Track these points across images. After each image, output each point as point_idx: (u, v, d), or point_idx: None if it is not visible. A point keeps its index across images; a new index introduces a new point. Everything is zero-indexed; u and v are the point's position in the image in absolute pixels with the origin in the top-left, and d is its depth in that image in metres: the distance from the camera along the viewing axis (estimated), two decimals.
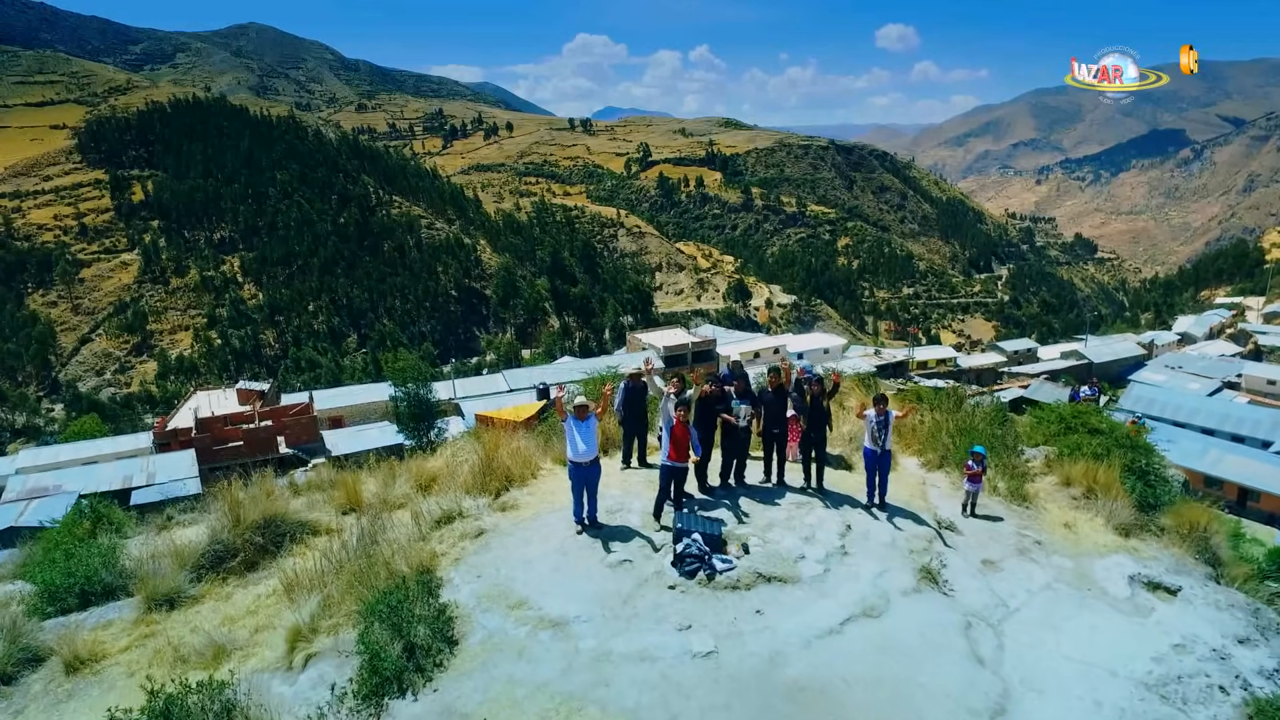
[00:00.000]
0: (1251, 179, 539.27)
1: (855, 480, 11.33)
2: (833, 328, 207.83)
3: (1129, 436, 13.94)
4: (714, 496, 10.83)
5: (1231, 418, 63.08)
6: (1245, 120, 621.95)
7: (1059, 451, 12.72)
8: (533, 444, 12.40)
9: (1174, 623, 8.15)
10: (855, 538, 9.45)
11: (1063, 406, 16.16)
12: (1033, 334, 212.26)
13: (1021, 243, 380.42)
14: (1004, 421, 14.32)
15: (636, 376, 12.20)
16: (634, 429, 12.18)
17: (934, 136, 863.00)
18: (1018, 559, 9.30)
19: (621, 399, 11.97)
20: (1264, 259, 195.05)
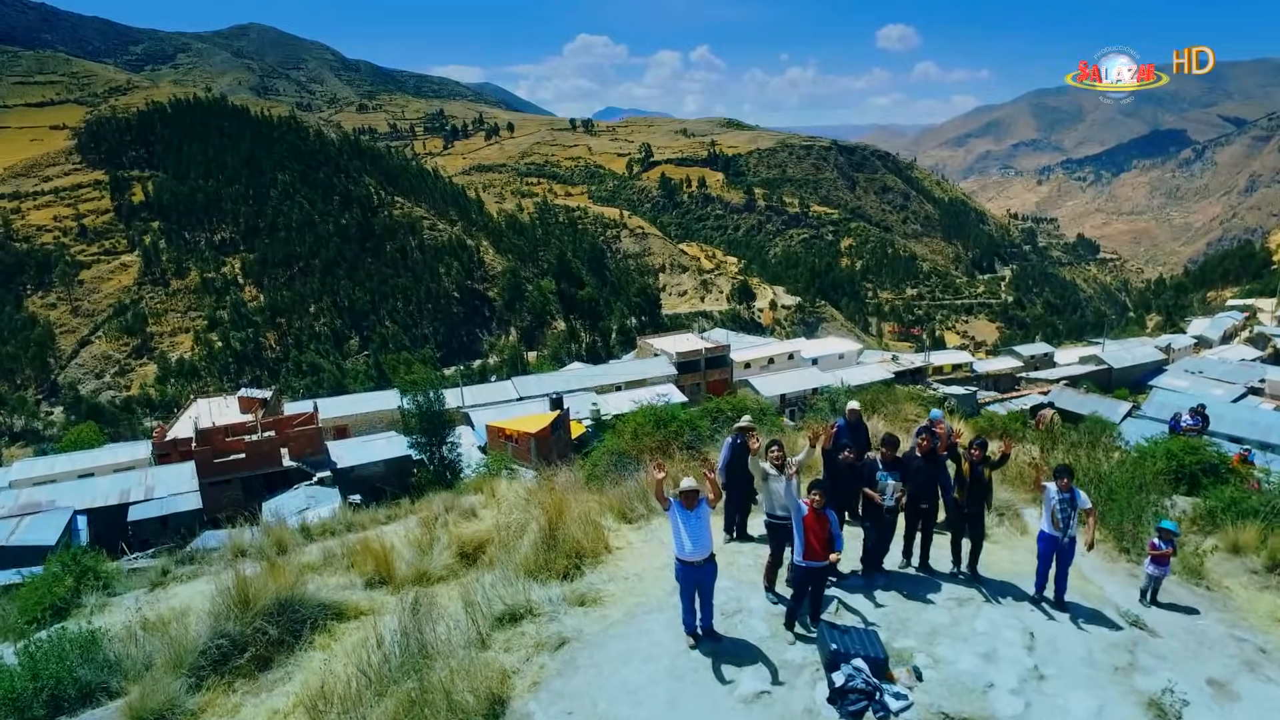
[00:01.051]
0: (1253, 179, 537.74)
1: (1005, 560, 9.59)
2: (837, 329, 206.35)
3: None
4: (847, 587, 8.83)
5: (1260, 425, 61.07)
6: (1247, 120, 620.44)
7: (1213, 507, 10.79)
8: (592, 498, 10.60)
9: None
10: (1044, 651, 7.48)
11: (1170, 442, 14.38)
12: (1037, 335, 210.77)
13: (1024, 243, 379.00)
14: (1131, 466, 12.21)
15: (747, 431, 10.07)
16: (740, 495, 10.15)
17: (935, 137, 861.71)
18: (1249, 677, 7.26)
19: (726, 458, 10.13)
20: (1271, 259, 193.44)
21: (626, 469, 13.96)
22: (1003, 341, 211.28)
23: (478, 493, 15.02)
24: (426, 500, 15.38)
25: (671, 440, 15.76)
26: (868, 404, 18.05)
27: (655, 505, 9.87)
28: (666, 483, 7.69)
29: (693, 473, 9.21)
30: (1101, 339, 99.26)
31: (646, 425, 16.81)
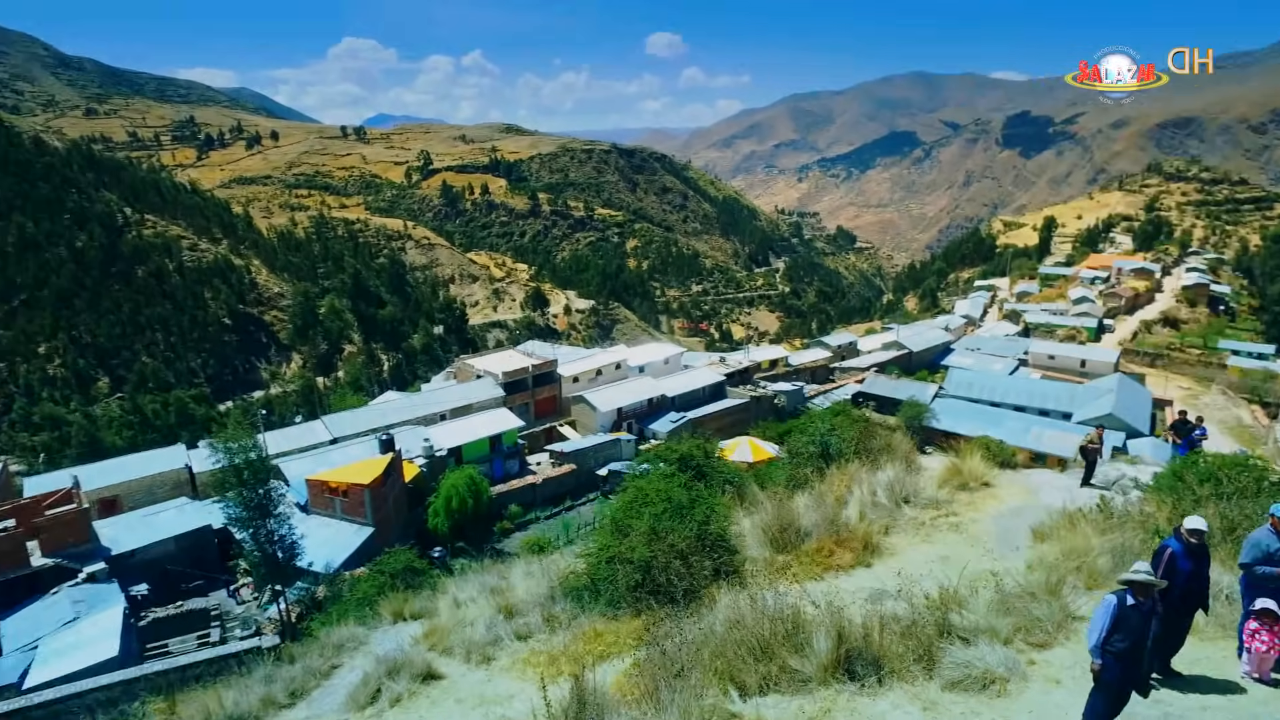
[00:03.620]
0: (969, 175, 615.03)
1: None
2: (631, 329, 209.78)
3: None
4: None
5: (1037, 394, 68.36)
6: (960, 125, 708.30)
7: None
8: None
9: None
10: None
11: (1215, 460, 13.76)
12: (813, 321, 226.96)
13: (792, 236, 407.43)
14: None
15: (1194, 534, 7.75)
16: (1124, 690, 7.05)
17: (704, 139, 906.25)
18: None
19: (1111, 620, 6.87)
20: (996, 244, 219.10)
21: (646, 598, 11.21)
22: (784, 330, 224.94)
23: (401, 619, 11.92)
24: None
25: (708, 540, 12.30)
26: (857, 445, 16.77)
27: None
28: None
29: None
30: (894, 324, 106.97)
31: (665, 514, 12.82)
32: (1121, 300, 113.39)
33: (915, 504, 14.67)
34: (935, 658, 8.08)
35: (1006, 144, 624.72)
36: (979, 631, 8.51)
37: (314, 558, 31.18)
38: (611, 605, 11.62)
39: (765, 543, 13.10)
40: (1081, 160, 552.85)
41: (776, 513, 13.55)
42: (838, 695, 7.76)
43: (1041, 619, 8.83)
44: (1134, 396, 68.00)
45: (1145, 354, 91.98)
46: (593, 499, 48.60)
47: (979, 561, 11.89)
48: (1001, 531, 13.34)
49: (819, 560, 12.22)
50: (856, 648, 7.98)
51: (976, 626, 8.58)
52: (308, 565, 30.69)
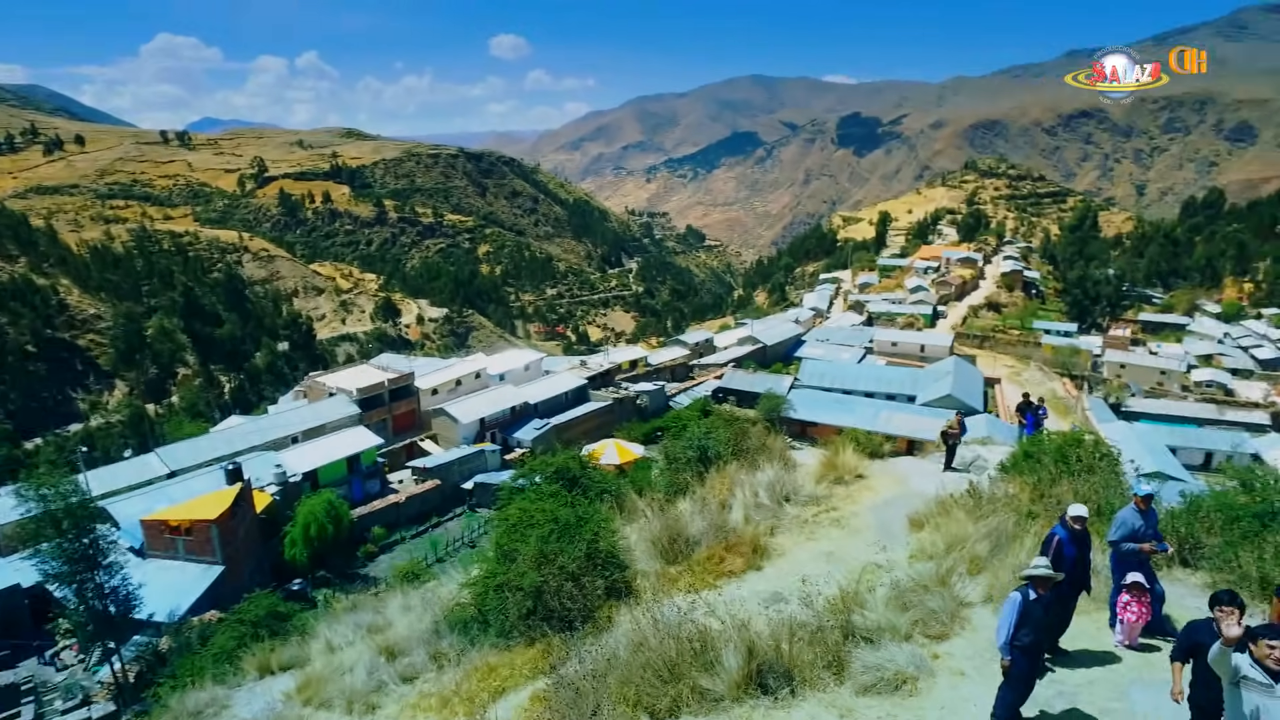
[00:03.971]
0: (808, 173, 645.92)
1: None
2: (487, 336, 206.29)
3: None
4: None
5: (883, 379, 72.39)
6: (798, 125, 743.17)
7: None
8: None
9: None
10: None
11: (1057, 438, 14.88)
12: (668, 320, 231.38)
13: (643, 237, 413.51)
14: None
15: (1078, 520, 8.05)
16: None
17: (552, 141, 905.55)
18: None
19: (1017, 617, 6.99)
20: (837, 239, 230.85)
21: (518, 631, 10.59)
22: (640, 330, 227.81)
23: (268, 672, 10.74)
24: None
25: (598, 558, 11.79)
26: (731, 445, 16.74)
27: None
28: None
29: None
30: (747, 319, 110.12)
31: (552, 535, 12.10)
32: (952, 288, 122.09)
33: (796, 501, 14.90)
34: (844, 662, 8.09)
35: (841, 143, 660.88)
36: (881, 630, 8.61)
37: (155, 606, 28.19)
38: (503, 636, 11.00)
39: (655, 555, 12.90)
40: (908, 158, 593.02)
41: (664, 523, 13.39)
42: (752, 712, 7.62)
43: (937, 610, 9.04)
44: (968, 377, 73.24)
45: (974, 336, 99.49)
46: (460, 514, 47.12)
47: (863, 555, 12.14)
48: (880, 523, 13.73)
49: (711, 568, 12.11)
50: (767, 661, 7.86)
51: (878, 625, 8.68)
52: (148, 616, 27.76)
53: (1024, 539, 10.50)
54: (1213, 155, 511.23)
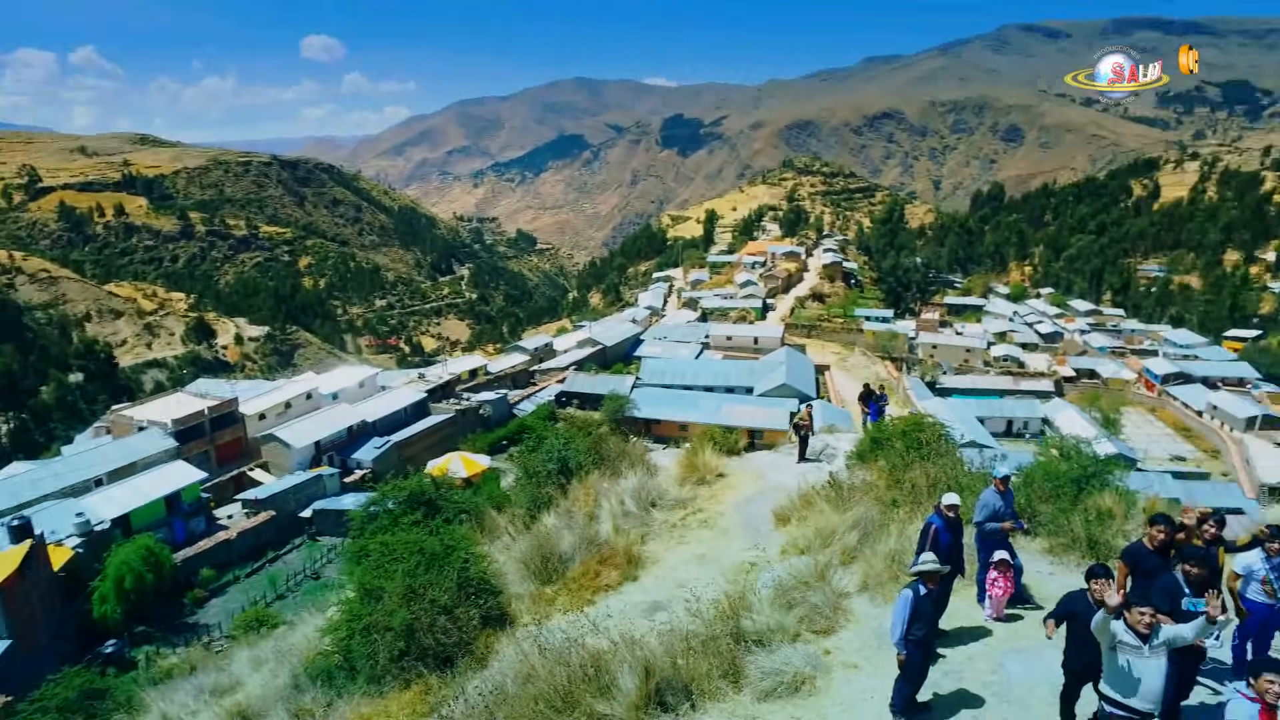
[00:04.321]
0: (635, 174, 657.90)
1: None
2: (315, 353, 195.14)
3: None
4: None
5: (721, 373, 74.65)
6: (623, 127, 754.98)
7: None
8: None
9: None
10: None
11: (901, 423, 15.64)
12: (504, 325, 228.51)
13: (474, 243, 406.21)
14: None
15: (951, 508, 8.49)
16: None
17: (373, 147, 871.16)
18: None
19: (910, 613, 7.16)
20: (666, 238, 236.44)
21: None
22: (476, 337, 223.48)
23: None
24: None
25: (472, 589, 11.04)
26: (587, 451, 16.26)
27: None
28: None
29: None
30: (585, 321, 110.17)
31: (419, 568, 11.16)
32: (779, 281, 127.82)
33: (663, 506, 14.81)
34: (741, 670, 8.00)
35: (665, 144, 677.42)
36: (771, 632, 8.61)
37: None
38: (374, 682, 10.07)
39: (528, 575, 12.41)
40: (730, 158, 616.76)
41: (533, 542, 12.94)
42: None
43: (820, 605, 9.16)
44: (801, 365, 76.92)
45: (803, 326, 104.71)
46: (299, 544, 44.07)
47: (736, 555, 12.21)
48: (747, 521, 13.86)
49: (587, 584, 11.80)
50: (665, 677, 7.63)
51: (767, 627, 8.67)
52: None
53: (890, 527, 10.89)
54: (992, 154, 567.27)
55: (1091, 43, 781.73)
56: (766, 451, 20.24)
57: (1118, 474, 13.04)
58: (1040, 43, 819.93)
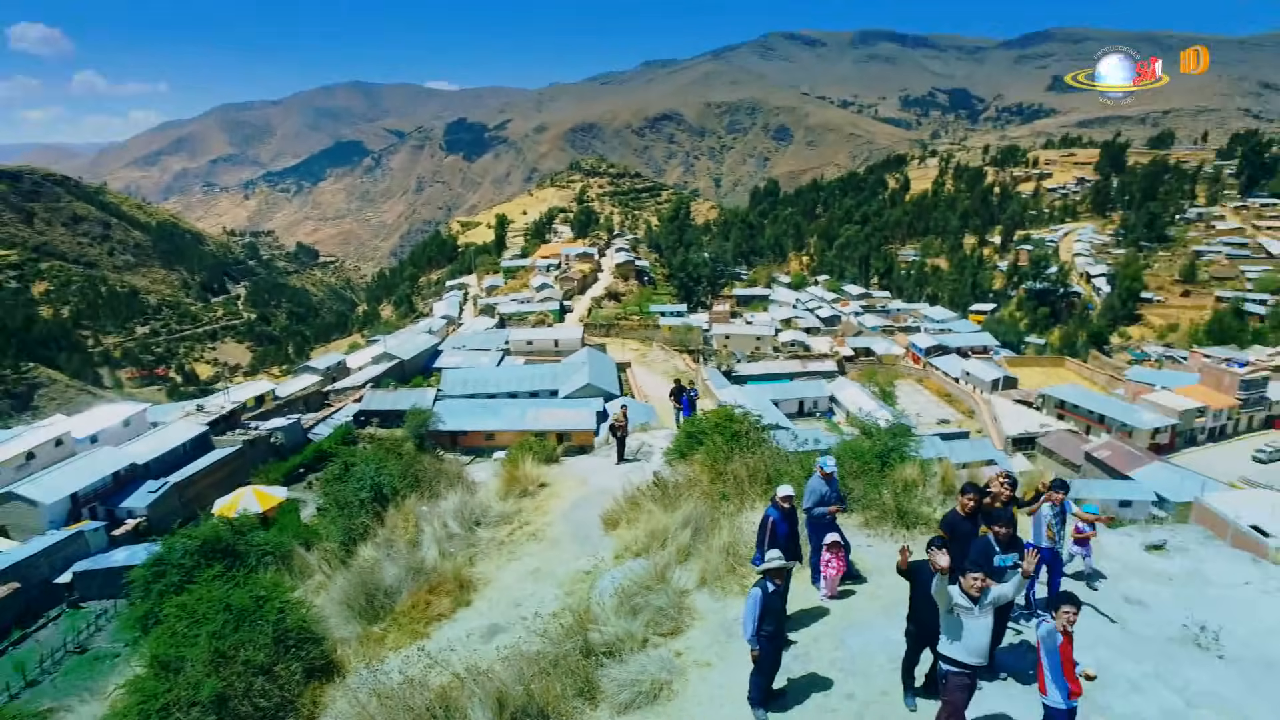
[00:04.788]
0: (420, 180, 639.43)
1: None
2: (61, 392, 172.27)
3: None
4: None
5: (525, 378, 74.08)
6: (405, 133, 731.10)
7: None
8: None
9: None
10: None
11: (713, 416, 16.05)
12: (289, 345, 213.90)
13: (249, 259, 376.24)
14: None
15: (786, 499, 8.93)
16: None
17: (120, 156, 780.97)
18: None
19: (760, 611, 7.30)
20: (457, 244, 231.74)
21: None
22: (259, 360, 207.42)
23: None
24: None
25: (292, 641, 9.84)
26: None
27: None
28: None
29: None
30: (378, 335, 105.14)
31: (228, 627, 9.81)
32: (574, 282, 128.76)
33: (488, 523, 14.26)
34: (596, 685, 7.86)
35: (450, 149, 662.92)
36: (620, 641, 8.52)
37: None
38: None
39: (352, 616, 11.53)
40: (517, 161, 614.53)
41: (353, 578, 12.01)
42: None
43: (664, 607, 9.17)
44: (602, 365, 77.89)
45: (601, 326, 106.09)
46: (57, 616, 38.34)
47: (570, 565, 12.04)
48: (576, 528, 13.69)
49: (418, 616, 11.14)
50: (519, 706, 7.29)
51: (616, 637, 8.57)
52: None
53: (720, 520, 11.12)
54: (766, 152, 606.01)
55: (844, 51, 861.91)
56: (585, 455, 20.06)
57: (913, 445, 14.14)
58: (801, 49, 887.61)
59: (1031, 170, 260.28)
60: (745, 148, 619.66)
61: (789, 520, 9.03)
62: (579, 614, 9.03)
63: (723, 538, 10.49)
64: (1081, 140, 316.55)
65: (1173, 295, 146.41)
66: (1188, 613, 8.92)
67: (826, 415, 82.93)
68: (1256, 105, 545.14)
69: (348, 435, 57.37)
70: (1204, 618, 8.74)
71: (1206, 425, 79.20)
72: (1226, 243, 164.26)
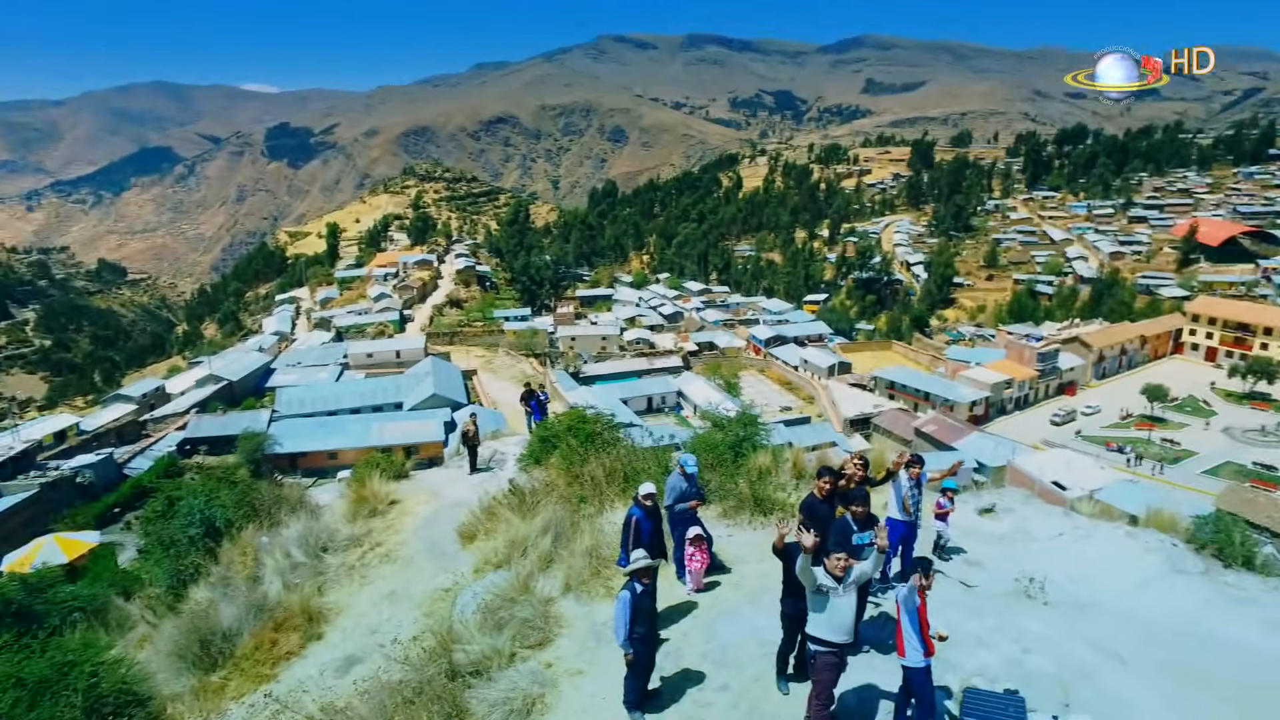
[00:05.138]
0: (242, 189, 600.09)
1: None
2: None
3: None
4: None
5: (367, 392, 71.26)
6: (221, 138, 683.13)
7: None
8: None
9: None
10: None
11: (565, 417, 16.02)
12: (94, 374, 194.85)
13: (39, 278, 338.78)
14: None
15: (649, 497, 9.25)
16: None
17: None
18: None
19: (631, 613, 7.28)
20: (286, 256, 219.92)
21: None
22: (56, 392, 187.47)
23: None
24: None
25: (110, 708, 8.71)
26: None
27: None
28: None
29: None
30: (202, 357, 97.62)
31: (19, 706, 8.35)
32: (414, 291, 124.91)
33: (336, 548, 13.45)
34: (465, 708, 7.57)
35: (272, 155, 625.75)
36: (487, 659, 8.27)
37: None
38: None
39: (185, 667, 10.53)
40: (347, 167, 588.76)
41: (187, 624, 11.02)
42: None
43: (530, 618, 8.96)
44: (448, 374, 76.04)
45: (444, 334, 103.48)
46: None
47: (427, 584, 11.53)
48: (431, 545, 13.14)
49: (263, 657, 10.33)
50: None
51: (482, 655, 8.31)
52: None
53: (581, 523, 11.06)
54: (602, 153, 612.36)
55: (674, 54, 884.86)
56: (436, 468, 19.30)
57: (763, 434, 14.55)
58: (632, 52, 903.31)
59: (853, 167, 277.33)
60: (582, 149, 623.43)
61: (653, 518, 9.02)
62: (441, 635, 8.73)
63: (585, 541, 10.40)
64: (895, 139, 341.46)
65: (979, 279, 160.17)
66: (1019, 568, 9.79)
67: (675, 410, 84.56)
68: (1033, 110, 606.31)
69: (171, 467, 52.81)
70: (1031, 570, 9.61)
71: (1013, 395, 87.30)
72: (1020, 231, 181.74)
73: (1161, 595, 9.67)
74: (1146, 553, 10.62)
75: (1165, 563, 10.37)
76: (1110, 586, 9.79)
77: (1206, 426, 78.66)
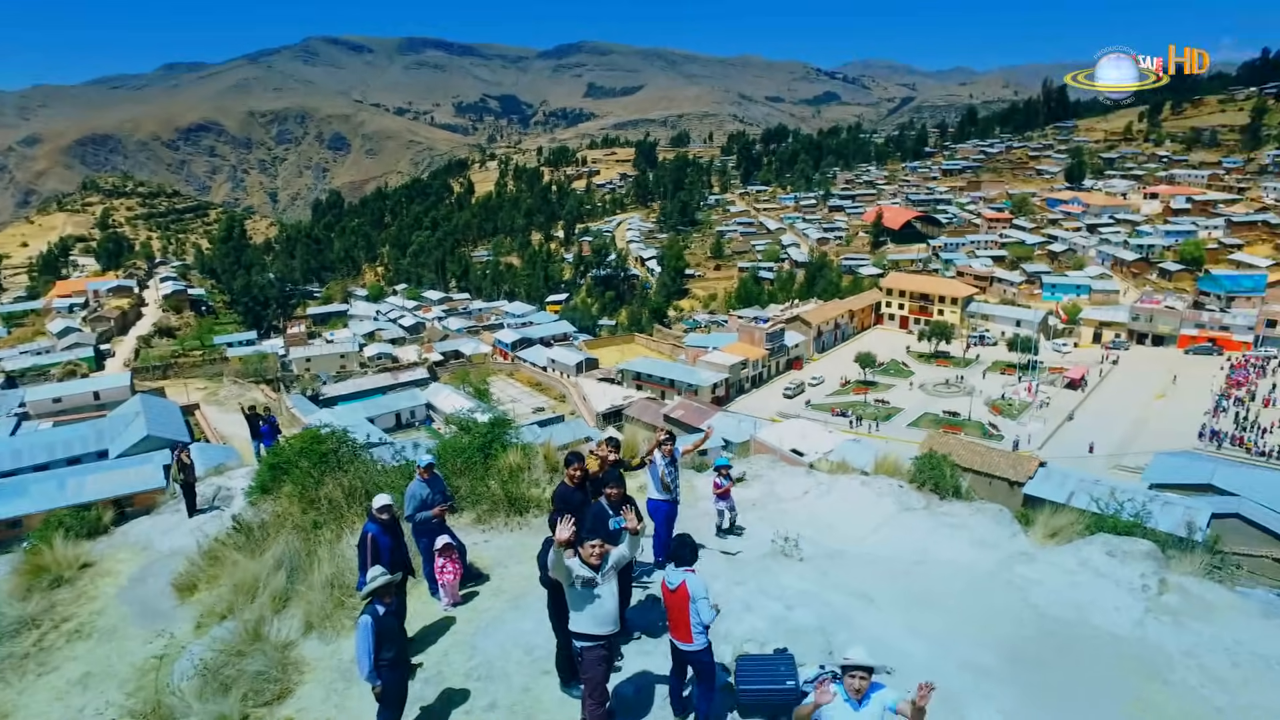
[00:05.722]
0: None
1: None
2: None
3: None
4: None
5: (58, 444, 61.74)
6: None
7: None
8: None
9: None
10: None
11: (297, 439, 14.79)
12: None
13: None
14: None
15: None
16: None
17: None
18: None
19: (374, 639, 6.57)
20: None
21: None
22: None
23: None
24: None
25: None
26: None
27: None
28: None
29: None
30: None
31: None
32: (110, 322, 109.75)
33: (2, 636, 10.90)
34: None
35: None
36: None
37: None
38: None
39: None
40: (5, 183, 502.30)
41: None
42: None
43: (264, 670, 7.86)
44: (163, 411, 67.62)
45: (155, 368, 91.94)
46: None
47: (135, 654, 9.88)
48: (140, 607, 11.25)
49: None
50: None
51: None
52: None
53: (318, 551, 9.98)
54: (323, 162, 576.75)
55: (392, 58, 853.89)
56: (147, 517, 16.68)
57: (512, 433, 14.20)
58: (346, 55, 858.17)
59: (582, 169, 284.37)
60: (300, 159, 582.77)
61: (391, 533, 8.27)
62: (149, 714, 7.50)
63: (324, 571, 9.37)
64: (619, 140, 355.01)
65: (709, 269, 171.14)
66: (774, 529, 10.15)
67: (425, 424, 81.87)
68: (740, 111, 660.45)
69: None
70: (785, 529, 10.01)
71: (749, 374, 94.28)
72: (739, 223, 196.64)
73: (895, 532, 10.61)
74: (879, 497, 11.63)
75: (895, 504, 11.43)
76: (853, 533, 10.54)
77: (911, 387, 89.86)
